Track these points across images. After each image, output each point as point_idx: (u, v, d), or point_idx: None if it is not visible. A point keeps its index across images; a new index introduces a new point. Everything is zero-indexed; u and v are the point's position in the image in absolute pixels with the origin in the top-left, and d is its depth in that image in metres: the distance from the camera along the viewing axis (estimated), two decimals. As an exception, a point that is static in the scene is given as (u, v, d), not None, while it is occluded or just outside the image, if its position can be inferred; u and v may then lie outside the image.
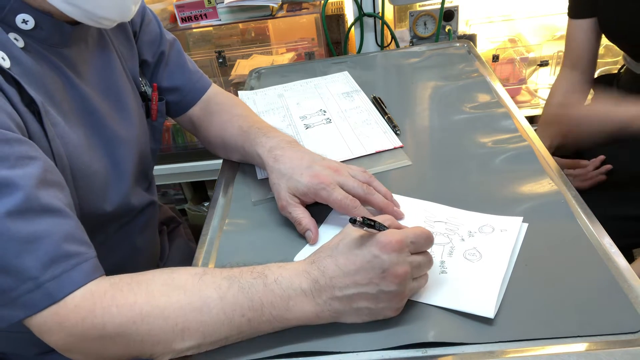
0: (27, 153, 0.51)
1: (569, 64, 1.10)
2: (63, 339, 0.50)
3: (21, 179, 0.49)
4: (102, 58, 0.70)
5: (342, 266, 0.50)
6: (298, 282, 0.51)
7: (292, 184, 0.66)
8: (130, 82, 0.76)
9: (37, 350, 0.71)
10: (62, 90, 0.63)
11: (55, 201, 0.52)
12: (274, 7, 1.40)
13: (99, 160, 0.67)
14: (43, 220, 0.50)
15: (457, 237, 0.61)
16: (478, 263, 0.57)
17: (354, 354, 0.50)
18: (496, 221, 0.63)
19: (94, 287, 0.50)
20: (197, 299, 0.50)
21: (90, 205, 0.65)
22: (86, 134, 0.65)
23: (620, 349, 0.47)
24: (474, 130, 0.83)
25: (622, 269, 0.55)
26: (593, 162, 1.03)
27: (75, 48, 0.65)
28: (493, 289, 0.53)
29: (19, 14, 0.57)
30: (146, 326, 0.49)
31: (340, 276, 0.50)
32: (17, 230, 0.48)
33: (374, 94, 0.97)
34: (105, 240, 0.71)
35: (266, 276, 0.51)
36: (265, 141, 0.72)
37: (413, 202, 0.68)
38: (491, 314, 0.50)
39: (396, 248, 0.49)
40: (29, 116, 0.56)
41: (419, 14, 1.43)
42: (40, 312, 0.49)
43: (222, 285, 0.51)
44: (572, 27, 1.06)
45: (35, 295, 0.48)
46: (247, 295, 0.50)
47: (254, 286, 0.51)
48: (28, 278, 0.48)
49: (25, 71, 0.57)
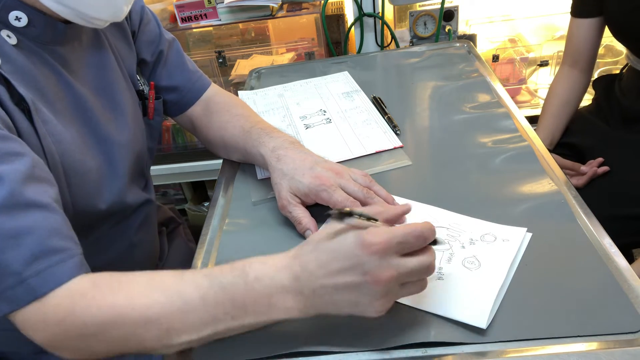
0: (13, 149, 0.51)
1: (569, 62, 1.10)
2: (46, 336, 0.50)
3: (7, 174, 0.49)
4: (96, 57, 0.70)
5: (323, 264, 0.48)
6: (279, 278, 0.49)
7: (293, 184, 0.66)
8: (126, 81, 0.76)
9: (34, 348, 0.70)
10: (55, 88, 0.63)
11: (41, 197, 0.51)
12: (274, 7, 1.40)
13: (93, 158, 0.67)
14: (28, 216, 0.49)
15: (458, 244, 0.61)
16: (476, 272, 0.56)
17: (354, 354, 0.50)
18: (499, 230, 0.62)
19: (75, 286, 0.50)
20: (177, 299, 0.49)
21: (84, 203, 0.65)
22: (79, 132, 0.65)
23: (620, 349, 0.47)
24: (474, 130, 0.83)
25: (622, 269, 0.55)
26: (591, 166, 1.03)
27: (68, 46, 0.65)
28: (488, 299, 0.52)
29: (12, 11, 0.57)
30: (128, 327, 0.49)
31: (321, 274, 0.48)
32: (2, 225, 0.48)
33: (374, 94, 0.97)
34: (100, 237, 0.71)
35: (247, 274, 0.50)
36: (268, 141, 0.72)
37: (417, 206, 0.68)
38: (484, 324, 0.50)
39: (379, 250, 0.45)
40: (19, 114, 0.56)
41: (419, 14, 1.43)
42: (23, 308, 0.49)
43: (202, 284, 0.50)
44: (575, 26, 1.07)
45: (18, 291, 0.48)
46: (228, 294, 0.49)
47: (235, 285, 0.49)
48: (11, 273, 0.48)
49: (17, 69, 0.57)
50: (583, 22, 1.05)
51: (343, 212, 0.47)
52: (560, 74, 1.12)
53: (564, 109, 1.09)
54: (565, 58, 1.12)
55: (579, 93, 1.11)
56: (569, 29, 1.09)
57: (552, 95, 1.12)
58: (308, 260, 0.49)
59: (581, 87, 1.11)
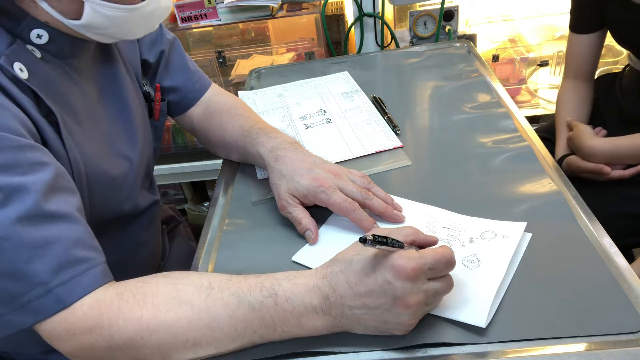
0: (39, 159, 0.52)
1: (572, 75, 1.11)
2: (72, 346, 0.50)
3: (33, 184, 0.49)
4: (105, 63, 0.71)
5: (353, 285, 0.48)
6: (309, 299, 0.49)
7: (292, 185, 0.66)
8: (134, 83, 0.76)
9: (40, 349, 0.71)
10: (78, 100, 0.64)
11: (65, 207, 0.52)
12: (274, 7, 1.40)
13: (116, 167, 0.68)
14: (53, 226, 0.50)
15: (458, 244, 0.61)
16: (475, 270, 0.56)
17: (354, 354, 0.50)
18: (499, 227, 0.62)
19: (101, 295, 0.50)
20: (205, 316, 0.50)
21: (102, 209, 0.66)
22: (100, 142, 0.66)
23: (620, 349, 0.47)
24: (474, 130, 0.83)
25: (622, 269, 0.55)
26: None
27: (81, 57, 0.66)
28: (487, 298, 0.52)
29: (34, 30, 0.58)
30: (154, 341, 0.49)
31: (351, 295, 0.48)
32: (28, 235, 0.48)
33: (374, 94, 0.97)
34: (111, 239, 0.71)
35: (277, 294, 0.50)
36: (267, 141, 0.73)
37: (416, 206, 0.68)
38: (483, 323, 0.50)
39: (411, 276, 0.46)
40: (47, 126, 0.56)
41: (419, 14, 1.43)
42: (49, 318, 0.49)
43: (230, 302, 0.50)
44: (575, 41, 1.07)
45: (44, 301, 0.48)
46: (257, 315, 0.49)
47: (265, 305, 0.50)
48: (38, 283, 0.48)
49: (44, 82, 0.58)
50: (583, 37, 1.05)
51: (377, 238, 0.46)
52: (565, 85, 1.12)
53: (576, 116, 1.07)
54: (568, 72, 1.12)
55: (587, 100, 1.11)
56: (568, 44, 1.09)
57: (561, 107, 1.11)
58: (338, 281, 0.49)
59: (588, 95, 1.11)
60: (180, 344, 0.49)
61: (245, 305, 0.50)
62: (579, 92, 1.10)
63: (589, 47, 1.06)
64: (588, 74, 1.09)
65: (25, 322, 0.49)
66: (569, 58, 1.10)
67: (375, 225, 0.64)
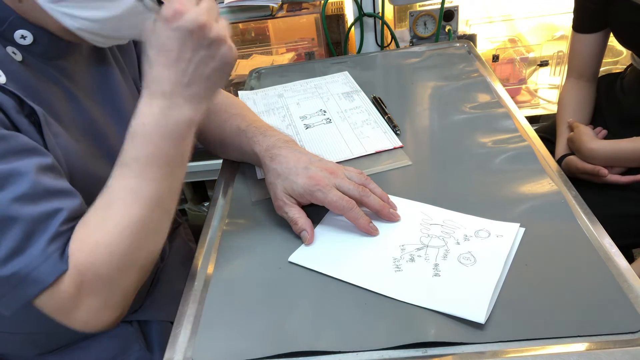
0: (26, 144, 0.53)
1: (575, 75, 1.11)
2: (87, 297, 0.52)
3: (25, 166, 0.51)
4: (97, 65, 0.70)
5: (163, 64, 0.53)
6: (156, 106, 0.55)
7: (288, 184, 0.66)
8: (129, 85, 0.76)
9: (37, 351, 0.71)
10: (63, 103, 0.63)
11: (60, 182, 0.54)
12: (274, 7, 1.40)
13: (105, 170, 0.67)
14: (50, 202, 0.52)
15: (453, 241, 0.61)
16: (472, 267, 0.57)
17: (354, 354, 0.50)
18: (493, 226, 0.62)
19: None
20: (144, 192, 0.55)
21: None
22: (89, 146, 0.66)
23: (620, 349, 0.47)
24: (474, 130, 0.83)
25: (622, 269, 0.55)
26: None
27: (71, 59, 0.65)
28: (485, 294, 0.53)
29: (18, 30, 0.57)
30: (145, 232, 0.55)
31: (169, 72, 0.53)
32: (29, 212, 0.50)
33: (374, 94, 0.97)
34: None
35: (132, 136, 0.56)
36: (263, 140, 0.72)
37: (410, 204, 0.68)
38: (482, 319, 0.50)
39: (182, 10, 0.51)
40: (29, 126, 0.56)
41: (419, 14, 1.43)
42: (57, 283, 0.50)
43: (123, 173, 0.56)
44: (578, 41, 1.07)
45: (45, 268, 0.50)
46: (150, 162, 0.56)
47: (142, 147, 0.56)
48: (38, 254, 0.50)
49: (23, 85, 0.57)
50: (586, 37, 1.05)
51: None
52: (567, 85, 1.12)
53: (578, 116, 1.08)
54: (571, 71, 1.12)
55: (589, 100, 1.11)
56: (571, 43, 1.09)
57: (563, 106, 1.11)
58: (155, 75, 0.55)
59: (590, 95, 1.11)
60: (159, 215, 0.56)
61: (135, 165, 0.56)
62: (581, 92, 1.10)
63: (592, 47, 1.06)
64: (591, 73, 1.09)
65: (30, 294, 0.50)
66: (572, 58, 1.10)
67: (371, 224, 0.64)
